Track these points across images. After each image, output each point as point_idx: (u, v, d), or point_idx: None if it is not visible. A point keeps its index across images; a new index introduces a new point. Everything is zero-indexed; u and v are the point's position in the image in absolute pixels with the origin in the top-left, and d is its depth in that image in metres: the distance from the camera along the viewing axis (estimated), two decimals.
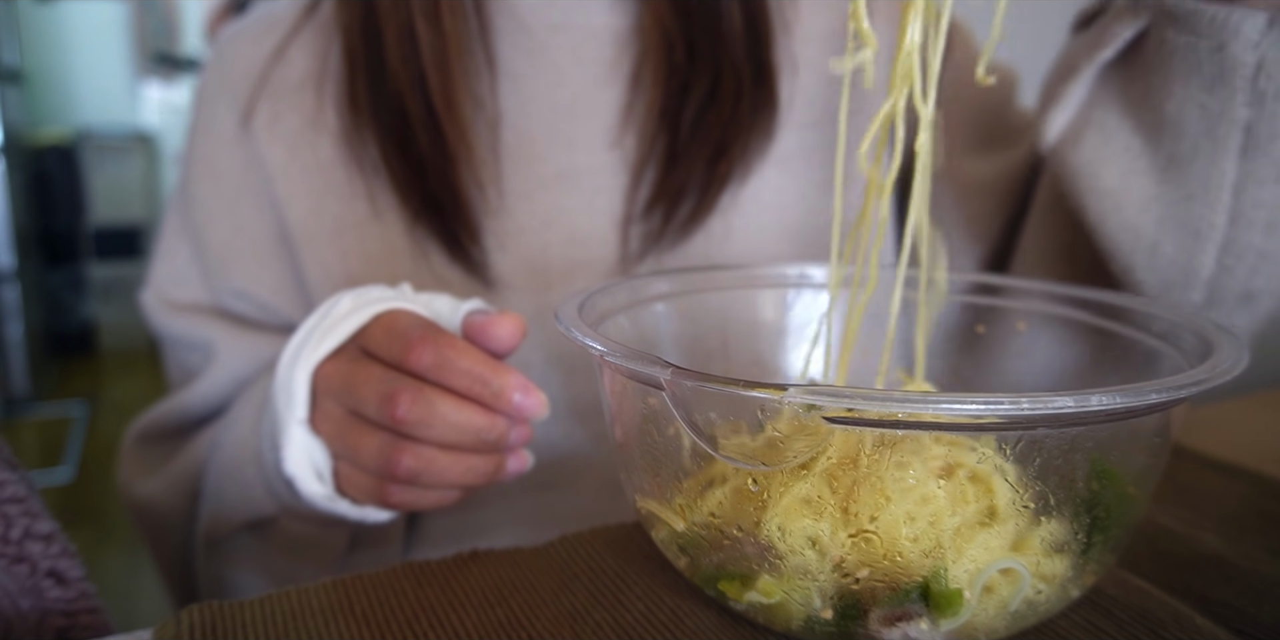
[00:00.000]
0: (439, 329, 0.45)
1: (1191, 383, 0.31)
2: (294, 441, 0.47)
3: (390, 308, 0.47)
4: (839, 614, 0.34)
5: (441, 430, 0.44)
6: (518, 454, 0.48)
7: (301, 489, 0.48)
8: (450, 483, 0.45)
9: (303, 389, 0.47)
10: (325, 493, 0.48)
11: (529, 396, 0.44)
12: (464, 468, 0.45)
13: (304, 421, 0.47)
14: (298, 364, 0.47)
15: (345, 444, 0.46)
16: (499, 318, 0.45)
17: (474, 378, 0.43)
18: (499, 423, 0.45)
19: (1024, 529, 0.34)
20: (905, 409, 0.29)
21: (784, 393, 0.30)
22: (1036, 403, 0.29)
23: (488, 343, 0.45)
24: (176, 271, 0.68)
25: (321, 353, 0.47)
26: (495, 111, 0.64)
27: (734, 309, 0.53)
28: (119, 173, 3.82)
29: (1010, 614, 0.34)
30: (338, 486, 0.48)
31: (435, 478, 0.45)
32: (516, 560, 0.45)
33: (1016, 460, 0.33)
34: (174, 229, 0.70)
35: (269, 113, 0.65)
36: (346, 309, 0.47)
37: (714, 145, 0.63)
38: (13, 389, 3.12)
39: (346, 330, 0.47)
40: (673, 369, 0.32)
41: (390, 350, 0.44)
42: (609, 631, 0.39)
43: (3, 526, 0.47)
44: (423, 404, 0.43)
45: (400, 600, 0.41)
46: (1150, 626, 0.39)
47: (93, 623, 0.48)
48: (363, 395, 0.44)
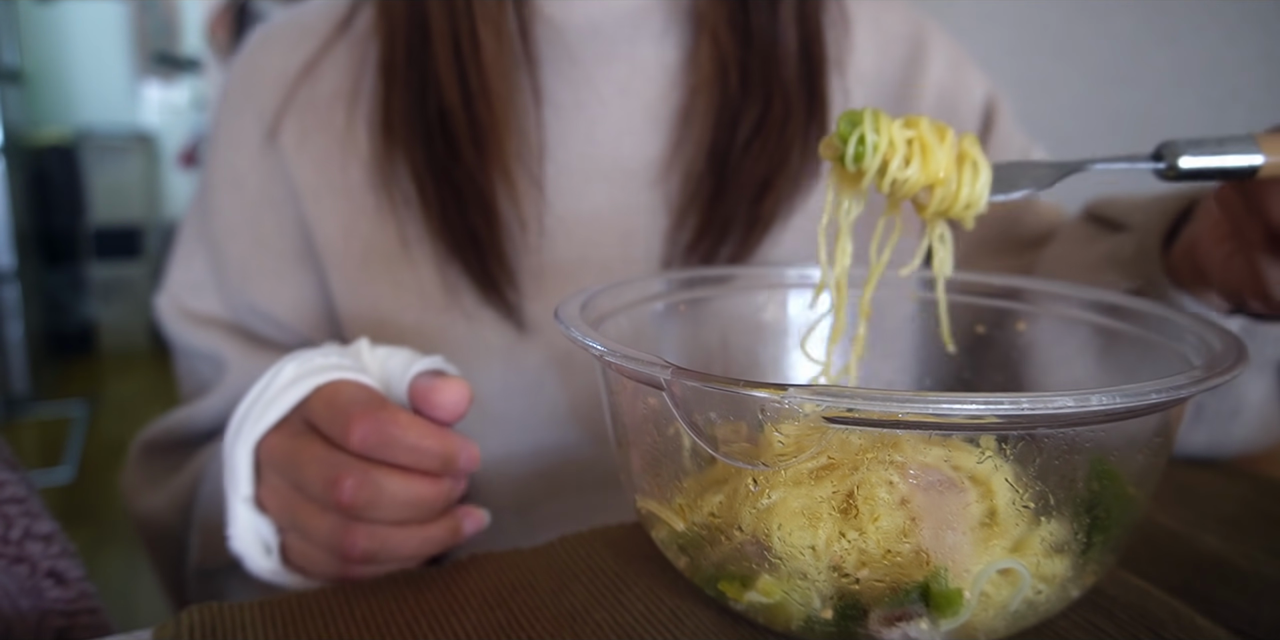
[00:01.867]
0: (380, 403, 0.42)
1: (1191, 383, 0.31)
2: (239, 519, 0.45)
3: (332, 379, 0.44)
4: (839, 614, 0.34)
5: (391, 509, 0.42)
6: (471, 515, 0.46)
7: (248, 567, 0.46)
8: (408, 556, 0.44)
9: (245, 465, 0.45)
10: (271, 568, 0.45)
11: (472, 458, 0.43)
12: (420, 540, 0.43)
13: (248, 499, 0.45)
14: (239, 439, 0.45)
15: (294, 521, 0.44)
16: (443, 385, 0.43)
17: (419, 452, 0.41)
18: (445, 488, 0.43)
19: (1024, 529, 0.34)
20: (906, 409, 0.29)
21: (784, 393, 0.30)
22: (1036, 403, 0.29)
23: (432, 411, 0.43)
24: (193, 280, 0.67)
25: (262, 427, 0.44)
26: (540, 142, 0.62)
27: (734, 309, 0.53)
28: (119, 173, 3.81)
29: (1010, 614, 0.34)
30: (287, 558, 0.45)
31: (393, 554, 0.43)
32: (516, 561, 0.45)
33: (1016, 460, 0.33)
34: (192, 234, 0.68)
35: (297, 129, 0.63)
36: (289, 378, 0.45)
37: (759, 183, 0.61)
38: (13, 389, 3.11)
39: (288, 403, 0.44)
40: (673, 369, 0.32)
41: (331, 428, 0.42)
42: (609, 632, 0.39)
43: (3, 527, 0.47)
44: (369, 487, 0.41)
45: (400, 603, 0.41)
46: (1150, 626, 0.39)
47: (92, 623, 0.48)
48: (307, 476, 0.42)
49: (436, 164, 0.60)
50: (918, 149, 0.40)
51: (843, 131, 0.40)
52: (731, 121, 0.62)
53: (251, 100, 0.65)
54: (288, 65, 0.64)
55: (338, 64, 0.64)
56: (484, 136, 0.59)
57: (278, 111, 0.64)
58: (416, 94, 0.60)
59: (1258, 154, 0.39)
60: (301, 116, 0.63)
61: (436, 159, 0.60)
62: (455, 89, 0.59)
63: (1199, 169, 0.40)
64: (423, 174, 0.60)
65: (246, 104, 0.65)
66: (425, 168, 0.60)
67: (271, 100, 0.64)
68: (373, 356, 0.47)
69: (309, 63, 0.64)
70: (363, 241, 0.62)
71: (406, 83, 0.60)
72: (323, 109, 0.63)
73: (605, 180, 0.63)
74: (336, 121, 0.63)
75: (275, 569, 0.45)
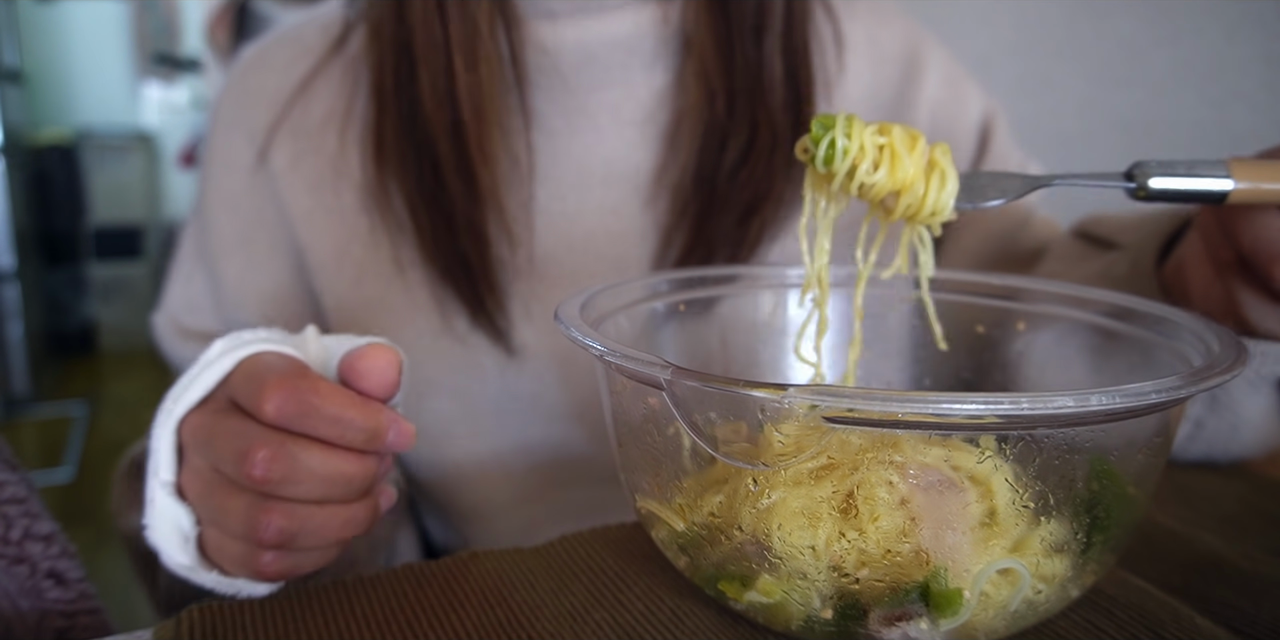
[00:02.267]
0: (300, 372, 0.39)
1: (1191, 383, 0.31)
2: (156, 506, 0.41)
3: (256, 351, 0.41)
4: (839, 614, 0.34)
5: (310, 486, 0.38)
6: (383, 492, 0.43)
7: (165, 562, 0.42)
8: (329, 540, 0.40)
9: (166, 447, 0.41)
10: (187, 564, 0.41)
11: (401, 434, 0.40)
12: (342, 521, 0.40)
13: (168, 484, 0.41)
14: (160, 419, 0.42)
15: (209, 506, 0.40)
16: (369, 350, 0.41)
17: (343, 424, 0.38)
18: (371, 465, 0.40)
19: (1024, 529, 0.34)
20: (906, 409, 0.29)
21: (784, 393, 0.30)
22: (1036, 403, 0.29)
23: (358, 381, 0.40)
24: (191, 298, 0.67)
25: (184, 405, 0.41)
26: (530, 167, 0.62)
27: (734, 309, 0.53)
28: (119, 173, 3.81)
29: (1010, 614, 0.34)
30: (207, 555, 0.41)
31: (312, 537, 0.39)
32: (516, 560, 0.45)
33: (1016, 460, 0.33)
34: (190, 252, 0.68)
35: (290, 152, 0.63)
36: (215, 354, 0.42)
37: (745, 204, 0.61)
38: (13, 389, 3.11)
39: (212, 378, 0.41)
40: (673, 369, 0.32)
41: (248, 399, 0.39)
42: (609, 631, 0.39)
43: (3, 527, 0.47)
44: (284, 460, 0.37)
45: (400, 601, 0.41)
46: (1150, 626, 0.39)
47: (93, 623, 0.48)
48: (220, 451, 0.39)
49: (426, 190, 0.60)
50: (887, 155, 0.41)
51: (815, 135, 0.41)
52: (719, 146, 0.62)
53: (243, 121, 0.65)
54: (280, 85, 0.64)
55: (330, 85, 0.64)
56: (472, 163, 0.59)
57: (269, 133, 0.63)
58: (407, 119, 0.60)
59: (1228, 179, 0.40)
60: (294, 138, 0.63)
61: (426, 185, 0.60)
62: (443, 115, 0.58)
63: (1169, 191, 0.41)
64: (414, 199, 0.60)
65: (238, 124, 0.65)
66: (416, 193, 0.60)
67: (263, 121, 0.64)
68: (318, 339, 0.45)
69: (301, 84, 0.63)
70: (356, 264, 0.62)
71: (397, 108, 0.60)
72: (315, 131, 0.63)
73: (597, 205, 0.63)
74: (329, 144, 0.63)
75: (191, 564, 0.41)
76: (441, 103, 0.58)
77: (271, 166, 0.63)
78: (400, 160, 0.60)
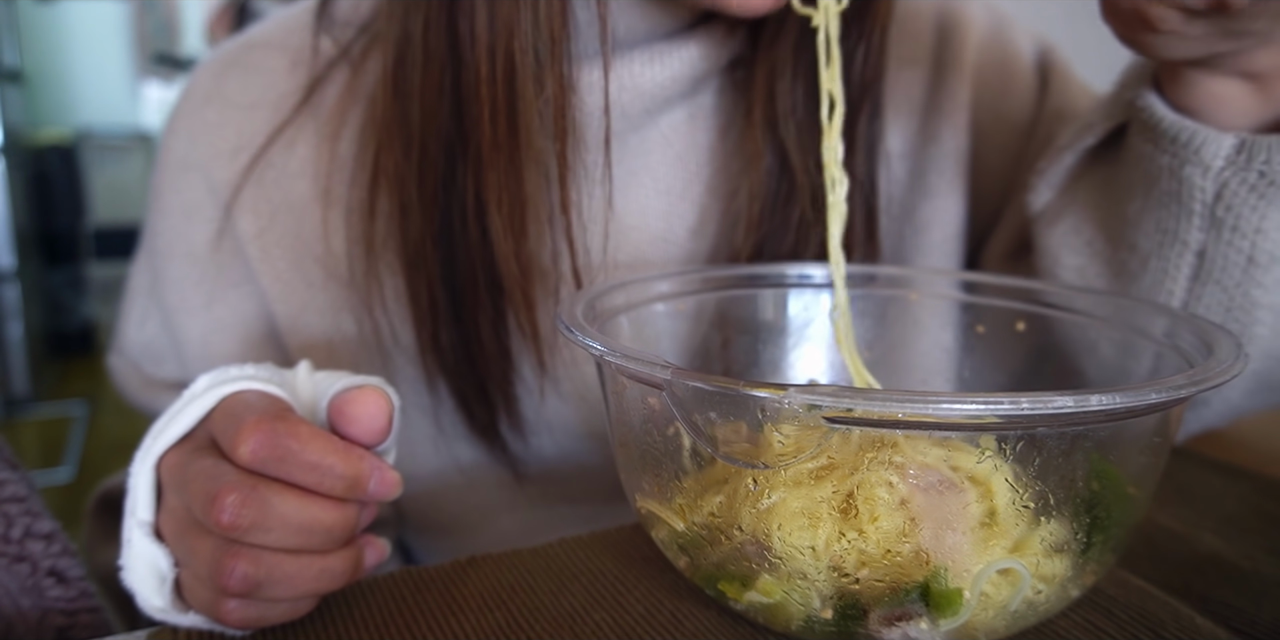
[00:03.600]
0: (280, 414, 0.37)
1: (1191, 383, 0.31)
2: (133, 547, 0.39)
3: (240, 388, 0.39)
4: (839, 614, 0.34)
5: (281, 534, 0.36)
6: (373, 544, 0.41)
7: (140, 605, 0.40)
8: (300, 591, 0.37)
9: (145, 484, 0.39)
10: (161, 606, 0.39)
11: (384, 483, 0.38)
12: (316, 572, 0.37)
13: (145, 524, 0.39)
14: (140, 456, 0.40)
15: (182, 547, 0.38)
16: (359, 395, 0.38)
17: (321, 470, 0.36)
18: (350, 514, 0.38)
19: (1024, 529, 0.34)
20: (906, 409, 0.29)
21: (784, 393, 0.30)
22: (1036, 403, 0.29)
23: (347, 426, 0.38)
24: (150, 345, 0.61)
25: (164, 442, 0.39)
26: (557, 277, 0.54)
27: (734, 309, 0.53)
28: (119, 173, 3.82)
29: (1010, 614, 0.34)
30: (184, 599, 0.39)
31: (281, 587, 0.36)
32: (515, 562, 0.45)
33: (1016, 460, 0.33)
34: (142, 291, 0.61)
35: (258, 218, 0.56)
36: (200, 389, 0.40)
37: None
38: (13, 389, 3.11)
39: (193, 415, 0.39)
40: (673, 369, 0.32)
41: (224, 439, 0.37)
42: (608, 633, 0.39)
43: (3, 526, 0.47)
44: (254, 505, 0.35)
45: (399, 605, 0.41)
46: (1150, 626, 0.39)
47: (93, 622, 0.48)
48: (191, 493, 0.37)
49: (454, 310, 0.54)
50: None
51: None
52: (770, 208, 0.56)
53: (199, 163, 0.57)
54: (241, 128, 0.57)
55: (305, 137, 0.56)
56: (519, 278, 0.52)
57: (235, 188, 0.56)
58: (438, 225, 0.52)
59: None
60: (264, 202, 0.56)
61: (456, 305, 0.54)
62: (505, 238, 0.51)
63: None
64: (434, 321, 0.54)
65: (193, 166, 0.57)
66: (446, 316, 0.54)
67: (224, 172, 0.57)
68: (309, 377, 0.42)
69: (268, 136, 0.56)
70: (340, 365, 0.57)
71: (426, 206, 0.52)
72: (289, 200, 0.56)
73: None
74: (308, 229, 0.56)
75: (165, 607, 0.39)
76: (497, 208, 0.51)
77: (237, 229, 0.57)
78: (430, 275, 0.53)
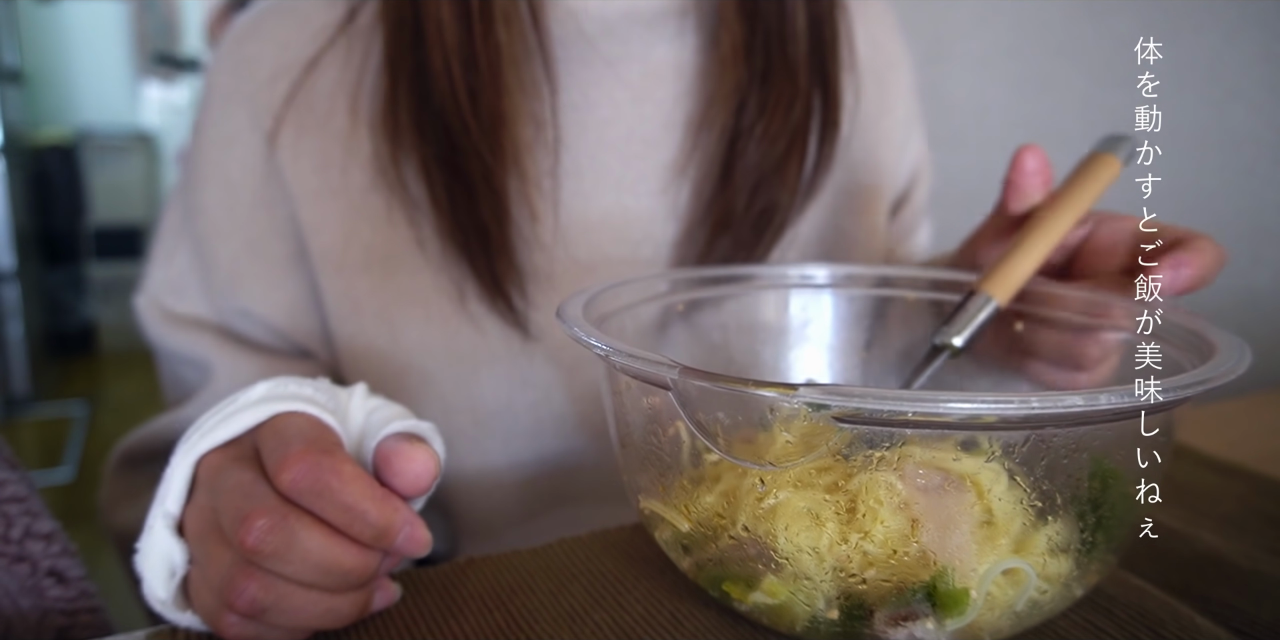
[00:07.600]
0: (328, 446, 0.37)
1: (1195, 382, 0.31)
2: (153, 534, 0.39)
3: (294, 409, 0.39)
4: (844, 614, 0.34)
5: (300, 568, 0.36)
6: (384, 587, 0.41)
7: (144, 591, 0.40)
8: (302, 624, 0.37)
9: (180, 479, 0.40)
10: (164, 599, 0.39)
11: (413, 540, 0.38)
12: (322, 610, 0.37)
13: (170, 516, 0.40)
14: (186, 450, 0.41)
15: (202, 549, 0.38)
16: (410, 450, 0.38)
17: (354, 514, 0.36)
18: (372, 561, 0.38)
19: (1028, 529, 0.34)
20: (915, 408, 0.29)
21: (794, 392, 0.30)
22: (1046, 402, 0.28)
23: (391, 478, 0.38)
24: (176, 279, 0.63)
25: (209, 442, 0.40)
26: (555, 134, 0.59)
27: (734, 309, 0.53)
28: (119, 173, 3.81)
29: (1015, 614, 0.34)
30: (188, 597, 0.39)
31: (284, 616, 0.36)
32: (514, 563, 0.45)
33: (1023, 460, 0.33)
34: (173, 231, 0.64)
35: (294, 130, 0.60)
36: (256, 398, 0.41)
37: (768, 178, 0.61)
38: (13, 389, 3.11)
39: (244, 423, 0.40)
40: (681, 368, 0.32)
41: (269, 461, 0.37)
42: (608, 633, 0.39)
43: (3, 526, 0.47)
44: (281, 535, 0.35)
45: (398, 605, 0.41)
46: (1150, 626, 0.39)
47: (93, 622, 0.48)
48: (224, 505, 0.37)
49: (445, 159, 0.57)
50: None
51: None
52: (739, 107, 0.61)
53: (242, 93, 0.61)
54: (280, 58, 0.60)
55: (338, 60, 0.60)
56: (496, 126, 0.57)
57: (276, 112, 0.60)
58: (422, 88, 0.57)
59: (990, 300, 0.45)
60: (299, 116, 0.60)
61: (445, 154, 0.57)
62: (463, 80, 0.56)
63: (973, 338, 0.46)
64: (431, 171, 0.58)
65: (235, 97, 0.61)
66: (434, 164, 0.58)
67: (266, 96, 0.60)
68: (362, 405, 0.43)
69: (310, 59, 0.60)
70: (364, 247, 0.60)
71: (413, 76, 0.57)
72: (322, 109, 0.60)
73: (615, 185, 0.62)
74: (337, 122, 0.60)
75: (167, 600, 0.39)
76: (463, 67, 0.56)
77: (276, 146, 0.60)
78: (416, 131, 0.58)
